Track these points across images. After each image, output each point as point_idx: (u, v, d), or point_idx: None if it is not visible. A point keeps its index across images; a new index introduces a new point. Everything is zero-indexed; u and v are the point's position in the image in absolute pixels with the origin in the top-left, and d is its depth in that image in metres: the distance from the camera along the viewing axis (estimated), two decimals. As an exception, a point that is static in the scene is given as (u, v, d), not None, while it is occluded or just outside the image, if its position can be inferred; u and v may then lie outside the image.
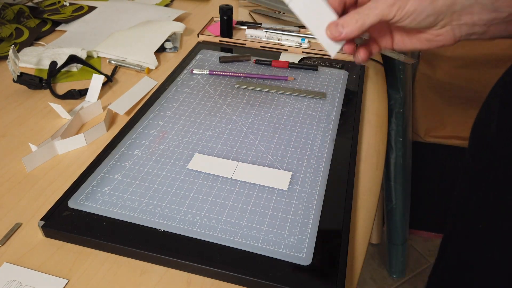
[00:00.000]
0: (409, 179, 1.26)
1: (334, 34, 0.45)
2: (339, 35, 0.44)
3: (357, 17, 0.43)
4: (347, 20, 0.44)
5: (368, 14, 0.42)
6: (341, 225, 0.46)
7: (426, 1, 0.40)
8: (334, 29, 0.45)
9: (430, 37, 0.44)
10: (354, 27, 0.43)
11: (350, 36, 0.44)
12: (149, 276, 0.43)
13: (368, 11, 0.42)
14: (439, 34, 0.43)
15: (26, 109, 0.66)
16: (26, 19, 0.90)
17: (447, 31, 0.43)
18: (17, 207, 0.49)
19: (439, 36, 0.43)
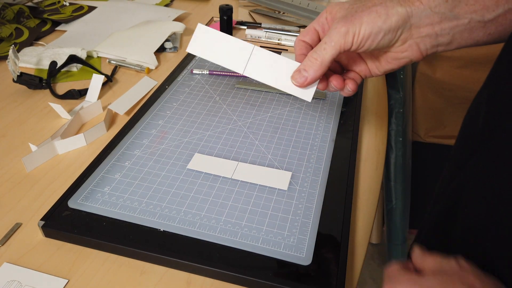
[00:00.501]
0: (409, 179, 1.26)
1: (299, 81, 0.45)
2: (305, 80, 0.44)
3: (315, 56, 0.43)
4: (307, 63, 0.44)
5: (326, 48, 0.42)
6: (341, 225, 0.46)
7: (378, 21, 0.40)
8: (298, 76, 0.45)
9: (397, 55, 0.44)
10: (316, 66, 0.43)
11: (315, 77, 0.44)
12: (149, 276, 0.43)
13: (325, 46, 0.42)
14: (403, 50, 0.43)
15: (26, 109, 0.66)
16: (26, 19, 0.90)
17: (411, 45, 0.42)
18: (17, 207, 0.49)
19: (404, 52, 0.43)
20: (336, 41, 0.41)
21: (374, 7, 0.40)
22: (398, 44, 0.42)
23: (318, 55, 0.42)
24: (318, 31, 0.46)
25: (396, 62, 0.45)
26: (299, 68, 0.44)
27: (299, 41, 0.46)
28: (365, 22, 0.40)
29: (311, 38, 0.46)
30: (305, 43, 0.46)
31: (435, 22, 0.40)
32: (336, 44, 0.41)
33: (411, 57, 0.43)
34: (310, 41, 0.46)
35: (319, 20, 0.45)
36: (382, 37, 0.41)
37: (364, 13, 0.40)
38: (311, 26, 0.46)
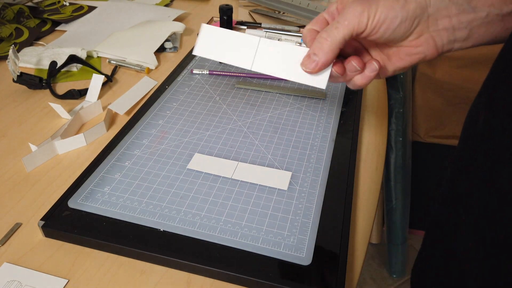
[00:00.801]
0: (409, 179, 1.26)
1: (310, 66, 0.41)
2: (316, 64, 0.40)
3: (325, 35, 0.39)
4: (316, 45, 0.40)
5: (338, 27, 0.38)
6: (341, 225, 0.46)
7: (396, 6, 0.37)
8: (308, 62, 0.41)
9: (410, 50, 0.41)
10: (326, 47, 0.39)
11: (327, 60, 0.40)
12: (149, 276, 0.43)
13: (337, 25, 0.38)
14: (418, 44, 0.40)
15: (26, 109, 0.66)
16: (26, 19, 0.90)
17: (427, 39, 0.39)
18: (17, 207, 0.49)
19: (419, 46, 0.40)
20: (350, 20, 0.38)
21: None
22: (413, 37, 0.39)
23: (328, 35, 0.39)
24: (328, 20, 0.43)
25: (409, 58, 0.42)
26: (309, 53, 0.41)
27: (308, 29, 0.43)
28: (381, 5, 0.37)
29: (320, 27, 0.43)
30: (315, 31, 0.43)
31: (452, 14, 0.38)
32: (349, 23, 0.38)
33: (426, 53, 0.40)
34: (320, 29, 0.43)
35: (329, 9, 0.43)
36: (398, 24, 0.38)
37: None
38: (321, 15, 0.43)
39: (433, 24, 0.38)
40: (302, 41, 0.83)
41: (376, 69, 0.42)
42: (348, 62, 0.42)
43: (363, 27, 0.38)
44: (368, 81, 0.43)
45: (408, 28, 0.38)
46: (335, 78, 0.43)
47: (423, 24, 0.38)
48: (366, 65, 0.42)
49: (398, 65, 0.43)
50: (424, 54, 0.40)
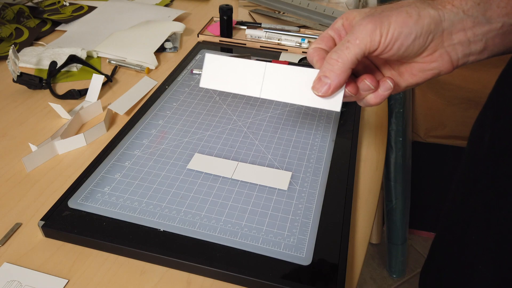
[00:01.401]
0: (409, 179, 1.26)
1: (322, 90, 0.38)
2: (328, 88, 0.38)
3: (336, 56, 0.37)
4: (326, 67, 0.37)
5: (349, 47, 0.36)
6: (341, 225, 0.46)
7: (409, 21, 0.35)
8: (319, 85, 0.38)
9: (423, 66, 0.39)
10: (338, 69, 0.37)
11: (339, 82, 0.38)
12: (149, 276, 0.43)
13: (348, 45, 0.36)
14: (432, 60, 0.38)
15: (26, 109, 0.66)
16: (26, 19, 0.90)
17: (441, 55, 0.37)
18: (17, 207, 0.49)
19: (433, 62, 0.38)
20: (361, 39, 0.36)
21: (403, 8, 0.36)
22: (427, 53, 0.37)
23: (339, 56, 0.37)
24: (334, 38, 0.41)
25: (422, 75, 0.39)
26: (319, 76, 0.38)
27: (314, 49, 0.41)
28: (394, 22, 0.35)
29: (327, 45, 0.41)
30: (322, 50, 0.41)
31: (467, 27, 0.36)
32: (361, 42, 0.36)
33: (441, 69, 0.38)
34: (327, 48, 0.41)
35: (334, 26, 0.41)
36: (412, 40, 0.36)
37: (392, 12, 0.36)
38: (326, 33, 0.41)
39: (448, 38, 0.36)
40: (302, 41, 0.83)
41: (390, 87, 0.40)
42: (361, 80, 0.40)
43: (376, 46, 0.36)
44: (382, 100, 0.41)
45: (422, 44, 0.36)
46: (347, 98, 0.41)
47: (437, 39, 0.36)
48: (379, 83, 0.40)
49: (410, 81, 0.40)
50: (439, 70, 0.38)
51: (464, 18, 0.36)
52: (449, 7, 0.36)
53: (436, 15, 0.36)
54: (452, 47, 0.37)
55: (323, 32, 0.41)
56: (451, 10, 0.36)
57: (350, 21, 0.39)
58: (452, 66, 0.38)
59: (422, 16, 0.35)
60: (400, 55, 0.37)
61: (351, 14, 0.39)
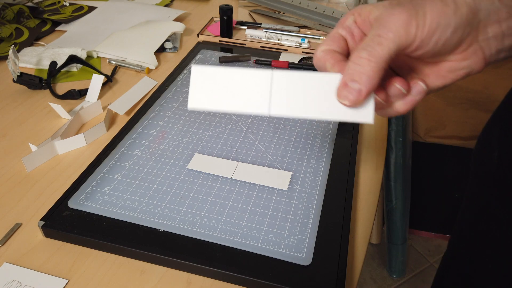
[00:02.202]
0: (409, 179, 1.26)
1: (352, 98, 0.31)
2: (359, 94, 0.31)
3: (366, 55, 0.30)
4: (355, 68, 0.31)
5: (381, 43, 0.30)
6: (341, 225, 0.46)
7: (448, 10, 0.30)
8: (347, 92, 0.31)
9: (454, 65, 0.33)
10: (371, 70, 0.30)
11: (373, 86, 0.31)
12: (149, 276, 0.43)
13: (379, 39, 0.30)
14: (465, 57, 0.32)
15: (26, 109, 0.66)
16: (26, 19, 0.90)
17: (475, 51, 0.32)
18: (17, 207, 0.49)
19: (466, 60, 0.32)
20: (395, 32, 0.30)
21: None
22: (461, 49, 0.32)
23: (370, 53, 0.30)
24: (346, 38, 0.35)
25: (452, 75, 0.34)
26: (345, 81, 0.31)
27: (325, 51, 0.34)
28: (430, 12, 0.30)
29: (339, 47, 0.34)
30: (335, 52, 0.34)
31: (502, 18, 0.31)
32: (395, 36, 0.30)
33: (473, 67, 0.33)
34: (339, 49, 0.34)
35: (344, 24, 0.35)
36: (451, 33, 0.30)
37: (425, 1, 0.31)
38: (335, 32, 0.35)
39: (483, 31, 0.32)
40: (302, 41, 0.83)
41: (423, 90, 0.34)
42: (390, 84, 0.33)
43: (411, 40, 0.30)
44: (412, 106, 0.34)
45: (459, 38, 0.31)
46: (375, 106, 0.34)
47: (473, 32, 0.31)
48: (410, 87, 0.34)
49: (437, 84, 0.35)
50: (470, 69, 0.33)
51: (499, 7, 0.31)
52: None
53: (473, 4, 0.31)
54: (486, 41, 0.32)
55: (331, 32, 0.35)
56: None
57: (365, 16, 0.34)
58: (484, 64, 0.33)
59: (459, 5, 0.30)
60: (435, 52, 0.32)
61: (364, 8, 0.34)
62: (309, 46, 0.83)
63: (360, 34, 0.34)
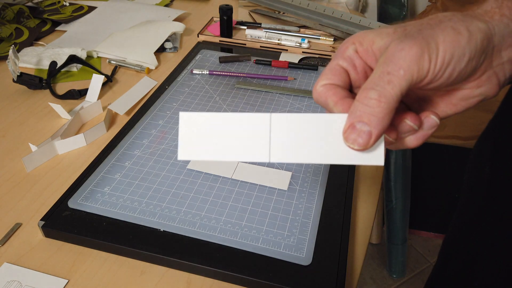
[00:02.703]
0: (409, 179, 1.26)
1: (361, 142, 0.28)
2: (369, 137, 0.28)
3: (376, 95, 0.27)
4: (363, 109, 0.27)
5: (392, 81, 0.27)
6: (341, 225, 0.46)
7: (461, 39, 0.28)
8: (356, 135, 0.28)
9: (468, 93, 0.31)
10: (381, 112, 0.27)
11: (384, 128, 0.28)
12: (149, 276, 0.43)
13: (389, 77, 0.27)
14: (480, 84, 0.30)
15: (26, 109, 0.66)
16: (26, 19, 0.90)
17: (489, 77, 0.30)
18: (17, 207, 0.49)
19: (480, 87, 0.30)
20: (407, 69, 0.27)
21: (446, 23, 0.28)
22: (475, 77, 0.30)
23: (380, 94, 0.27)
24: (348, 69, 0.31)
25: (465, 103, 0.32)
26: (352, 123, 0.28)
27: (326, 86, 0.31)
28: (442, 42, 0.27)
29: (340, 80, 0.31)
30: (336, 87, 0.31)
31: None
32: (407, 73, 0.27)
33: (487, 94, 0.31)
34: (341, 83, 0.31)
35: (344, 54, 0.31)
36: (466, 63, 0.28)
37: (435, 31, 0.28)
38: (335, 64, 0.31)
39: (497, 56, 0.30)
40: (302, 41, 0.83)
41: (436, 124, 0.31)
42: (401, 121, 0.30)
43: (424, 75, 0.27)
44: (424, 141, 0.32)
45: (474, 67, 0.29)
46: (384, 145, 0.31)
47: (488, 59, 0.29)
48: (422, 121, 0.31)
49: (448, 112, 0.32)
50: (485, 96, 0.31)
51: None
52: (497, 18, 0.29)
53: (487, 29, 0.29)
54: (501, 66, 0.30)
55: (330, 64, 0.32)
56: (500, 21, 0.29)
57: (367, 46, 0.31)
58: (499, 89, 0.31)
59: (473, 32, 0.28)
60: (448, 84, 0.29)
61: (365, 37, 0.31)
62: (309, 46, 0.83)
63: (362, 65, 0.31)
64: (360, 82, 0.31)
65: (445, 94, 0.32)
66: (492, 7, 0.30)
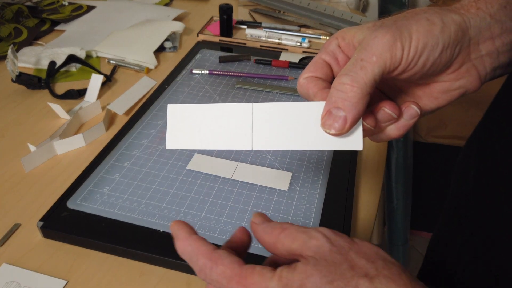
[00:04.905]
0: (410, 179, 1.25)
1: (337, 126, 0.29)
2: (344, 122, 0.28)
3: (349, 80, 0.28)
4: (337, 95, 0.28)
5: (365, 67, 0.28)
6: (342, 225, 0.46)
7: (434, 29, 0.28)
8: (331, 120, 0.29)
9: (447, 86, 0.32)
10: (354, 97, 0.28)
11: (359, 113, 0.28)
12: (149, 277, 0.42)
13: (362, 63, 0.28)
14: (458, 77, 0.31)
15: (25, 109, 0.65)
16: (25, 18, 0.89)
17: (468, 69, 0.31)
18: (16, 208, 0.49)
19: (459, 79, 0.31)
20: (379, 55, 0.28)
21: (421, 15, 0.29)
22: (453, 69, 0.31)
23: (353, 79, 0.28)
24: (330, 63, 0.33)
25: (446, 96, 0.32)
26: (328, 109, 0.29)
27: (308, 78, 0.32)
28: (416, 31, 0.28)
29: (322, 73, 0.32)
30: (318, 79, 0.32)
31: (495, 34, 0.30)
32: (379, 59, 0.28)
33: (468, 87, 0.31)
34: (324, 76, 0.32)
35: (327, 49, 0.33)
36: (439, 53, 0.29)
37: (410, 21, 0.29)
38: (318, 58, 0.33)
39: (475, 49, 0.30)
40: (302, 40, 0.83)
41: (416, 113, 0.31)
42: (379, 109, 0.31)
43: (397, 62, 0.28)
44: (405, 131, 0.32)
45: (449, 57, 0.29)
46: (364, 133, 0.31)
47: (464, 50, 0.30)
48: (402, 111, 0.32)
49: (431, 106, 0.33)
50: (465, 89, 0.31)
51: (491, 23, 0.30)
52: (473, 11, 0.30)
53: (461, 20, 0.29)
54: (480, 59, 0.31)
55: (314, 58, 0.33)
56: (476, 14, 0.30)
57: (349, 40, 0.32)
58: (480, 83, 0.31)
59: (447, 23, 0.29)
60: (424, 73, 0.30)
61: (348, 32, 0.32)
62: (309, 45, 0.83)
63: (344, 58, 0.32)
64: None
65: (426, 87, 0.32)
66: (469, 1, 0.31)
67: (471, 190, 0.41)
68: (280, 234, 0.27)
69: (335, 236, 0.27)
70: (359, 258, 0.25)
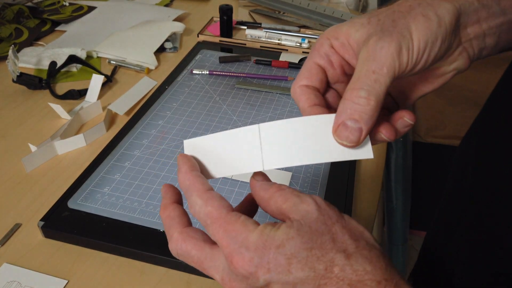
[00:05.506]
0: (409, 179, 1.25)
1: (353, 138, 0.29)
2: (360, 133, 0.29)
3: (366, 94, 0.28)
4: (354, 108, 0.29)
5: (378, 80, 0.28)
6: (341, 225, 0.46)
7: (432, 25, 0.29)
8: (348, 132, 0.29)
9: (444, 70, 0.33)
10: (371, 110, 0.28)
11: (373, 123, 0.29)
12: (149, 277, 0.42)
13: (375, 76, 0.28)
14: (453, 60, 0.32)
15: (26, 109, 0.65)
16: (25, 19, 0.90)
17: (461, 52, 0.32)
18: (17, 208, 0.49)
19: (453, 62, 0.32)
20: (389, 66, 0.28)
21: (416, 10, 0.30)
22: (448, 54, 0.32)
23: (369, 92, 0.28)
24: (324, 67, 0.32)
25: (441, 79, 0.34)
26: (343, 121, 0.29)
27: (301, 88, 0.32)
28: (415, 31, 0.29)
29: (317, 80, 0.32)
30: (310, 88, 0.32)
31: (482, 18, 0.31)
32: (389, 69, 0.28)
33: (460, 68, 0.33)
34: (318, 83, 0.32)
35: (320, 51, 0.32)
36: (439, 46, 0.30)
37: (407, 20, 0.29)
38: (311, 62, 0.32)
39: (464, 34, 0.31)
40: (302, 41, 0.83)
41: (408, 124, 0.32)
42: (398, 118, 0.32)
43: (404, 67, 0.29)
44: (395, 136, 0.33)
45: (447, 48, 0.31)
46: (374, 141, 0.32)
47: (457, 36, 0.31)
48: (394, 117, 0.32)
49: (425, 90, 0.34)
50: (458, 70, 0.33)
51: (479, 8, 0.31)
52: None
53: (454, 9, 0.30)
54: (469, 42, 0.32)
55: (306, 62, 0.33)
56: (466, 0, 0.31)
57: (343, 40, 0.31)
58: (470, 63, 0.33)
59: (442, 16, 0.30)
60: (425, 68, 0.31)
61: (339, 30, 0.31)
62: (309, 46, 0.83)
63: (339, 60, 0.32)
64: (338, 77, 0.33)
65: (421, 74, 0.33)
66: None
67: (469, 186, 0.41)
68: (275, 193, 0.28)
69: (325, 206, 0.27)
70: (343, 233, 0.26)
